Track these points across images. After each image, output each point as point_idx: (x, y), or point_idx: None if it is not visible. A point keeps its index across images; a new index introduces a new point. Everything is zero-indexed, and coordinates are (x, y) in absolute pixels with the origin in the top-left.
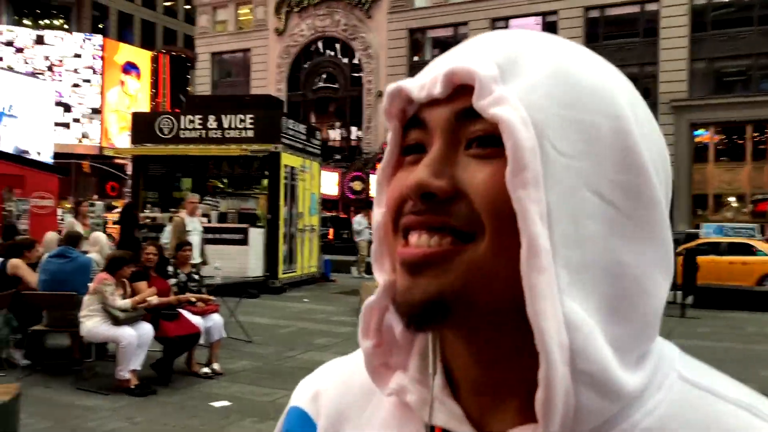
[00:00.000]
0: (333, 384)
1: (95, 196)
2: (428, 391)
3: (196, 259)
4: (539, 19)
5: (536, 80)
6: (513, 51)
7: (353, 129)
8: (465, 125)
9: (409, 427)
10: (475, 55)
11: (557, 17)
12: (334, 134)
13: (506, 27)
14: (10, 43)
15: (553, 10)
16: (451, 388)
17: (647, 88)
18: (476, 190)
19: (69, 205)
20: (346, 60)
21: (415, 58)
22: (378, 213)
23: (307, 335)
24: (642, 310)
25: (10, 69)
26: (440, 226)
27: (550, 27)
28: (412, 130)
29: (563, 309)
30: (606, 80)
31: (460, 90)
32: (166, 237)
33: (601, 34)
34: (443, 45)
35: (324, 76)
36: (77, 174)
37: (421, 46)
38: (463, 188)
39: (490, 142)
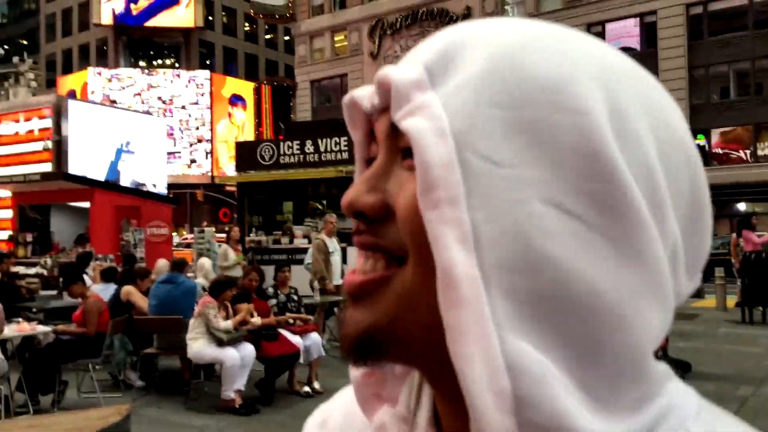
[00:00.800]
0: (339, 412)
1: (204, 223)
2: (409, 430)
3: (338, 280)
4: (637, 20)
5: (468, 78)
6: (452, 45)
7: None
8: (399, 135)
9: None
10: (409, 57)
11: (656, 17)
12: None
13: (602, 32)
14: (128, 87)
15: (651, 10)
16: (438, 427)
17: (760, 83)
18: (399, 207)
19: (185, 232)
20: None
21: None
22: None
23: None
24: (621, 345)
25: (128, 108)
26: (372, 246)
27: (649, 28)
28: (373, 142)
29: (504, 348)
30: (572, 65)
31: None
32: (309, 258)
33: (705, 31)
34: None
35: None
36: (192, 203)
37: None
38: (392, 205)
39: None
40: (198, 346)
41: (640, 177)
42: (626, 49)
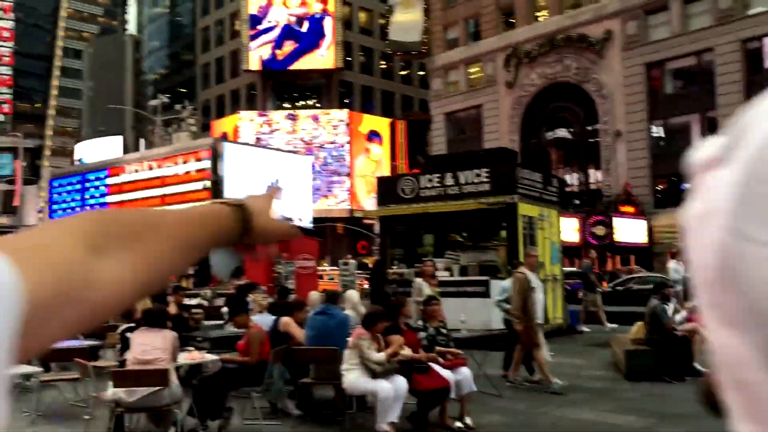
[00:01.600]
0: None
1: (349, 256)
2: None
3: (540, 318)
4: None
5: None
6: (740, 125)
7: (591, 172)
8: None
9: None
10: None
11: None
12: (572, 179)
13: (760, 48)
14: (275, 130)
15: None
16: None
17: None
18: None
19: (325, 264)
20: (579, 104)
21: (653, 93)
22: None
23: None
24: None
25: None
26: None
27: None
28: None
29: None
30: None
31: None
32: (498, 294)
33: None
34: (685, 76)
35: (558, 121)
36: (332, 236)
37: (660, 79)
38: None
39: None
40: (352, 377)
41: None
42: None
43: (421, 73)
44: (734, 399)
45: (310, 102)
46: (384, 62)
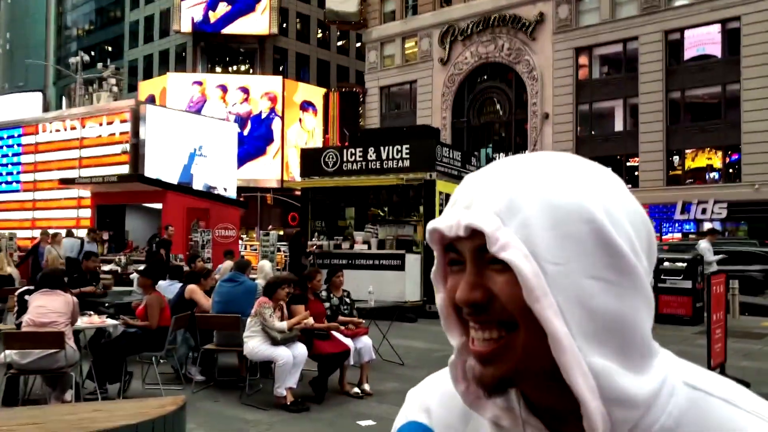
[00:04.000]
0: (440, 400)
1: (270, 226)
2: (517, 417)
3: None
4: (719, 27)
5: (528, 216)
6: (508, 196)
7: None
8: (484, 252)
9: None
10: (480, 208)
11: (740, 23)
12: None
13: (681, 39)
14: (203, 92)
15: (735, 15)
16: (530, 410)
17: None
18: (503, 295)
19: (254, 235)
20: (509, 84)
21: (581, 78)
22: (439, 298)
23: None
24: (639, 338)
25: (203, 115)
26: (485, 321)
27: (732, 35)
28: (451, 251)
29: (589, 365)
30: (582, 194)
31: (476, 231)
32: None
33: None
34: (611, 62)
35: (488, 101)
36: (262, 206)
37: (588, 65)
38: (495, 293)
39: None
40: (253, 344)
41: (627, 244)
42: (707, 57)
43: (359, 44)
44: None
45: (243, 67)
46: (321, 31)
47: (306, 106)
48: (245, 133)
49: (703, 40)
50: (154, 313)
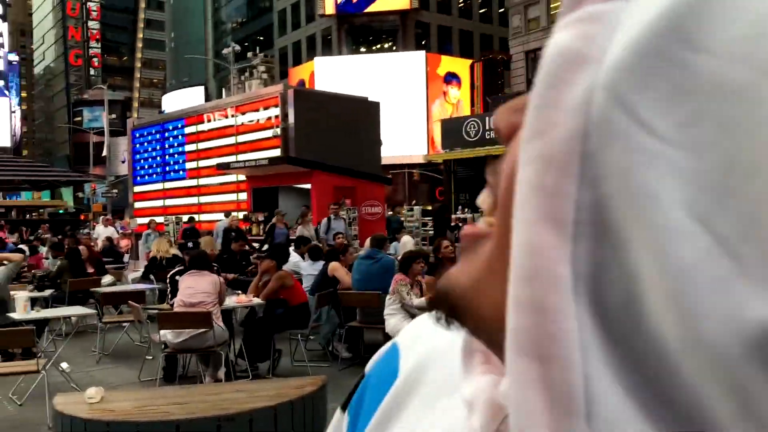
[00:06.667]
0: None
1: (413, 201)
2: None
3: None
4: None
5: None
6: None
7: None
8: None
9: None
10: None
11: None
12: None
13: None
14: (349, 73)
15: None
16: None
17: None
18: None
19: (404, 211)
20: None
21: None
22: None
23: None
24: None
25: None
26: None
27: None
28: None
29: None
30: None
31: None
32: None
33: None
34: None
35: None
36: (410, 182)
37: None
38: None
39: None
40: (394, 322)
41: None
42: None
43: (501, 10)
44: None
45: (386, 45)
46: (462, 1)
47: (450, 78)
48: (389, 113)
49: None
50: (272, 285)
